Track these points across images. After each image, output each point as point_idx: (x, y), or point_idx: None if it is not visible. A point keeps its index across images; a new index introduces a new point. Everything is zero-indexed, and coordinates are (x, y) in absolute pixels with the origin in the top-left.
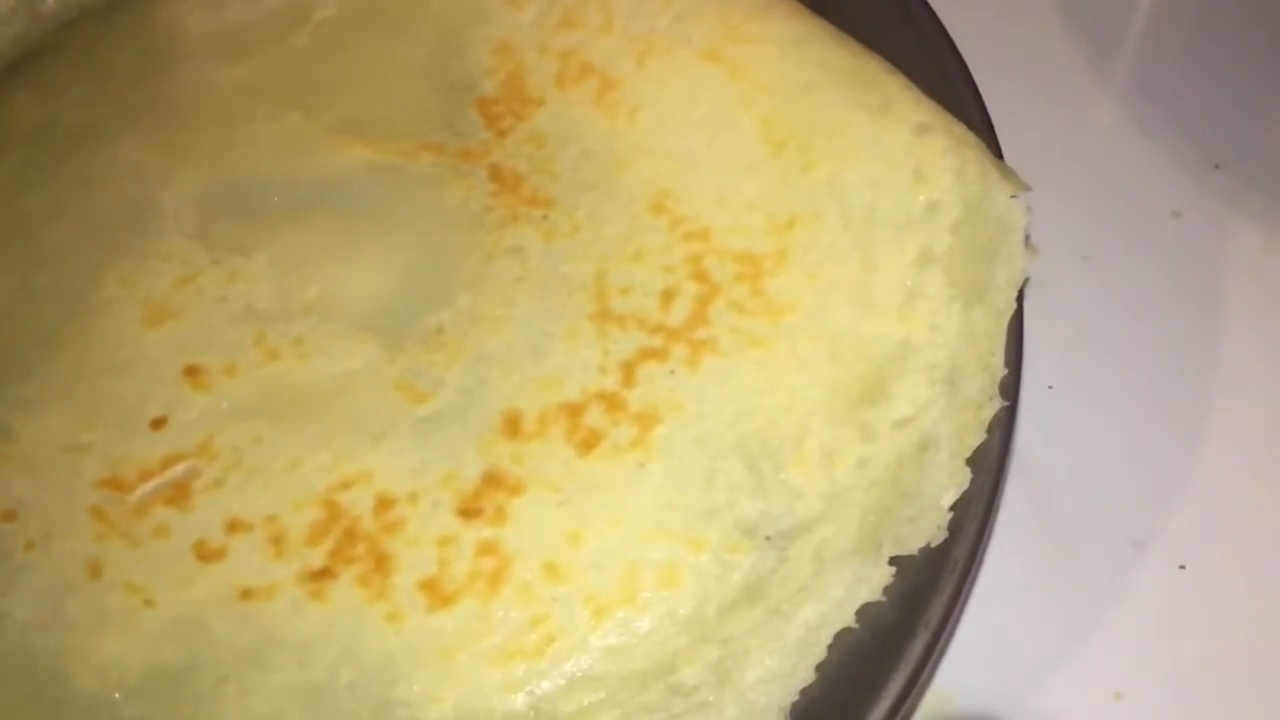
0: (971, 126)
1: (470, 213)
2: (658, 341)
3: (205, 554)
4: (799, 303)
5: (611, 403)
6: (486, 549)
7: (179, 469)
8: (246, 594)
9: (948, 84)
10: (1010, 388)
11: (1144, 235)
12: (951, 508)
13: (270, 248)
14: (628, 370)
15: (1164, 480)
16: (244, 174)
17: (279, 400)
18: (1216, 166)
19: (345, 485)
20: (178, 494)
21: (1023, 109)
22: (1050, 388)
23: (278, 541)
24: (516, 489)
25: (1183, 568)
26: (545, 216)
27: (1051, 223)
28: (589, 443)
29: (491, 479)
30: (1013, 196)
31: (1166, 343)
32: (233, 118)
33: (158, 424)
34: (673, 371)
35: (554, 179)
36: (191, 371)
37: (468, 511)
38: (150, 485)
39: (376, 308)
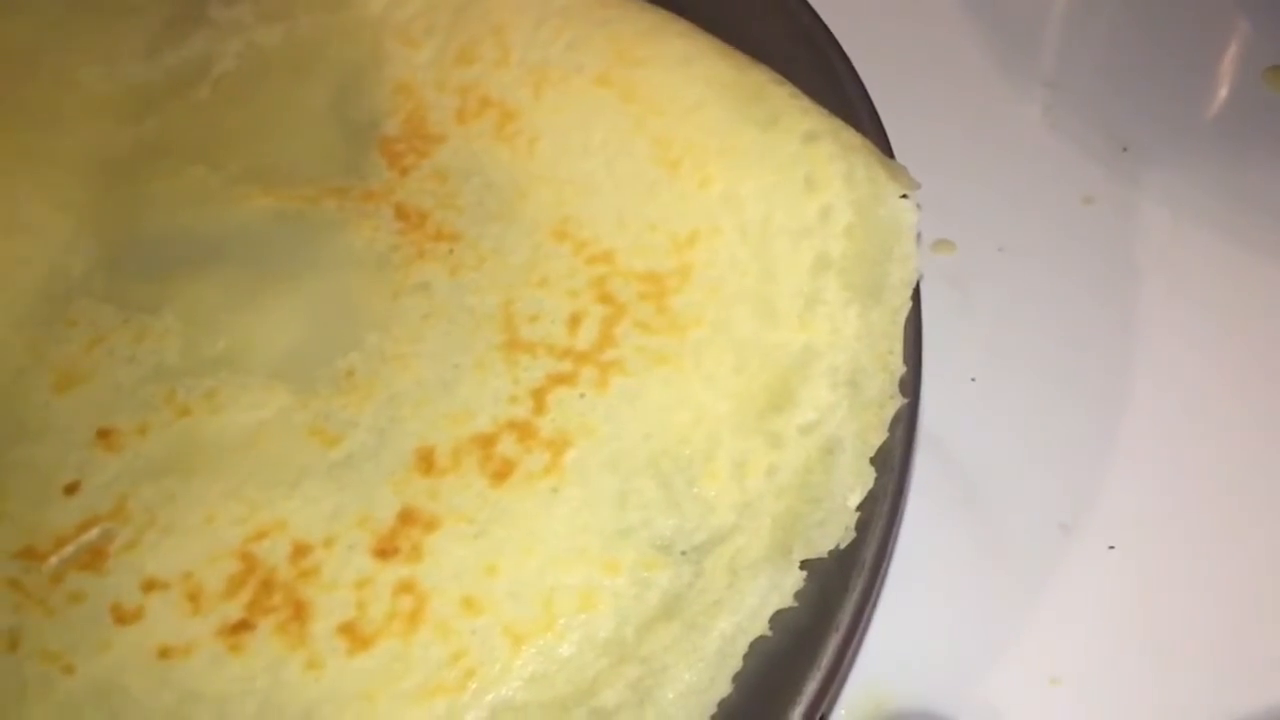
0: (862, 129)
1: (376, 253)
2: (566, 366)
3: (122, 616)
4: (703, 317)
5: (523, 431)
6: (404, 588)
7: (93, 533)
8: (165, 653)
9: (837, 89)
10: (911, 385)
11: (1057, 223)
12: (858, 508)
13: (178, 303)
14: (538, 397)
15: (1088, 463)
16: (150, 231)
17: (191, 456)
18: (1125, 149)
19: (260, 535)
20: (93, 558)
21: (932, 106)
22: (973, 380)
23: (194, 598)
24: (432, 525)
25: (1112, 548)
26: (451, 251)
27: (968, 217)
28: (502, 473)
29: (407, 517)
30: (903, 196)
31: (1083, 328)
32: (136, 175)
33: (71, 489)
34: (582, 395)
35: (458, 213)
36: (104, 434)
37: (384, 551)
38: (66, 552)
39: (286, 355)
